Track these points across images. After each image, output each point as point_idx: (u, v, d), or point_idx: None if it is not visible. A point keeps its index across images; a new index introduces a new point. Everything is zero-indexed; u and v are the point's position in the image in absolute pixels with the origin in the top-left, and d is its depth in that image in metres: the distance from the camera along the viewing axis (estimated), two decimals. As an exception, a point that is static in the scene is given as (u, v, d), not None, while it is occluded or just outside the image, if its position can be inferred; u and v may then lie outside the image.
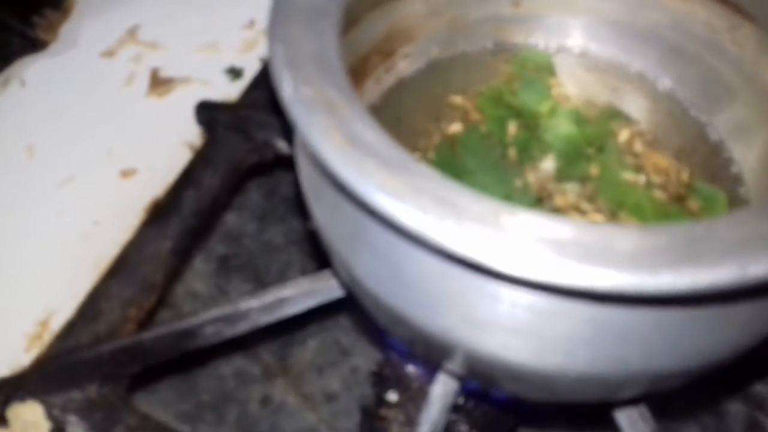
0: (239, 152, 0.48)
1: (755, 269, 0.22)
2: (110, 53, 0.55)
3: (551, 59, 0.42)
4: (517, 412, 0.41)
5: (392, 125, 0.39)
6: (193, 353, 0.40)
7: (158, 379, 0.49)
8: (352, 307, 0.35)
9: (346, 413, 0.50)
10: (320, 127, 0.25)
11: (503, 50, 0.43)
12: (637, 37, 0.41)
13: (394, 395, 0.41)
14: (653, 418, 0.35)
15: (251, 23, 0.57)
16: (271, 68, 0.27)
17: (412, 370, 0.41)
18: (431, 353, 0.32)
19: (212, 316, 0.39)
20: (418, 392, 0.40)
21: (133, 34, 0.56)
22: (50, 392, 0.39)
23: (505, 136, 0.40)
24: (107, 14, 0.57)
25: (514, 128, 0.40)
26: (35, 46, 0.55)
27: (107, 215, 0.47)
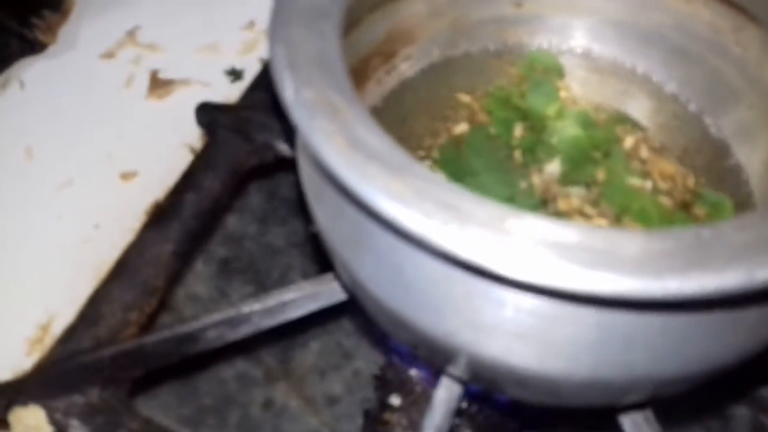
0: (240, 154, 0.48)
1: (763, 274, 0.21)
2: (109, 55, 0.55)
3: (560, 61, 0.42)
4: (520, 416, 0.41)
5: (394, 127, 0.39)
6: (194, 357, 0.40)
7: (159, 382, 0.49)
8: (354, 310, 0.34)
9: (348, 417, 0.49)
10: (322, 130, 0.25)
11: (505, 51, 0.42)
12: (640, 38, 0.41)
13: (397, 399, 0.41)
14: (658, 422, 0.35)
15: (251, 24, 0.57)
16: (272, 70, 0.27)
17: (415, 373, 0.41)
18: (434, 357, 0.32)
19: (214, 319, 0.38)
20: (421, 396, 0.40)
21: (132, 35, 0.56)
22: (52, 396, 0.38)
23: (511, 138, 0.39)
24: (106, 16, 0.57)
25: (520, 130, 0.39)
26: (34, 47, 0.55)
27: (107, 218, 0.47)
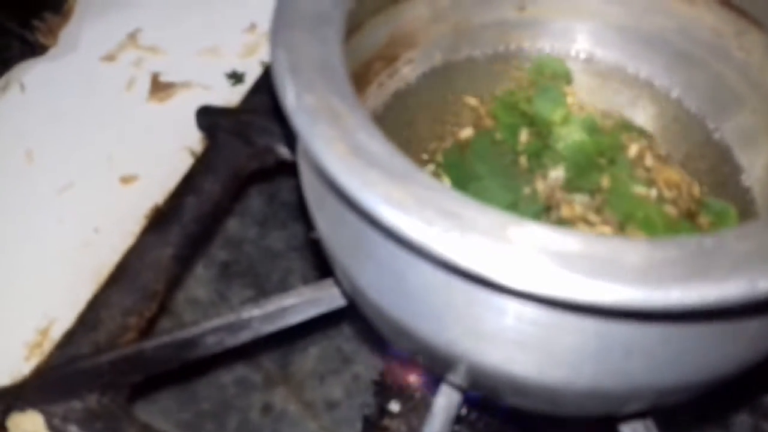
0: (240, 158, 0.48)
1: (765, 284, 0.21)
2: (110, 57, 0.55)
3: (568, 67, 0.42)
4: (520, 424, 0.41)
5: (397, 130, 0.39)
6: (194, 362, 0.40)
7: (158, 387, 0.49)
8: (354, 315, 0.34)
9: (347, 422, 0.49)
10: (324, 136, 0.25)
11: (508, 55, 0.42)
12: (643, 42, 0.41)
13: (396, 405, 0.41)
14: (659, 430, 0.34)
15: (252, 27, 0.57)
16: (273, 75, 0.27)
17: (414, 380, 0.41)
18: (434, 365, 0.32)
19: (214, 325, 0.38)
20: (420, 403, 0.40)
21: (133, 38, 0.56)
22: (50, 402, 0.38)
23: (516, 143, 0.39)
24: (107, 18, 0.57)
25: (526, 136, 0.39)
26: (35, 50, 0.55)
27: (107, 222, 0.47)
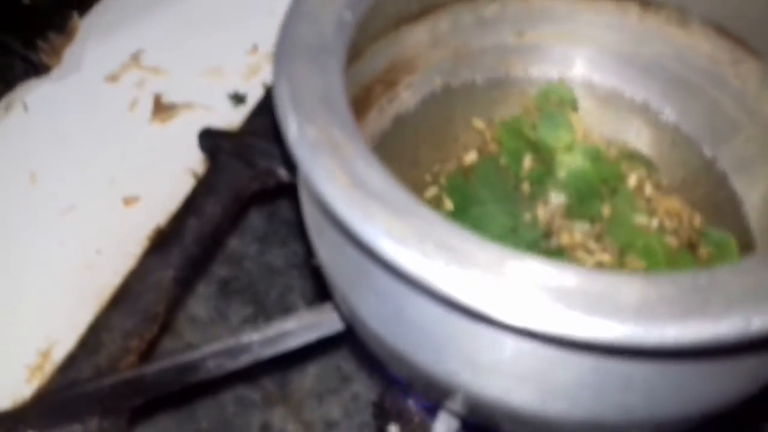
0: (242, 180, 0.48)
1: (759, 322, 0.22)
2: (114, 78, 0.55)
3: (575, 94, 0.42)
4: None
5: (398, 154, 0.39)
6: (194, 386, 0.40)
7: (158, 407, 0.49)
8: (353, 338, 0.34)
9: (346, 442, 0.49)
10: (325, 168, 0.25)
11: (506, 80, 0.43)
12: (640, 67, 0.41)
13: (395, 429, 0.40)
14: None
15: (254, 48, 0.57)
16: (276, 107, 0.27)
17: (413, 404, 0.41)
18: (433, 393, 0.32)
19: (214, 349, 0.38)
20: (419, 426, 0.40)
21: (136, 58, 0.56)
22: (51, 426, 0.38)
23: (520, 169, 0.39)
24: (111, 39, 0.57)
25: (529, 162, 0.40)
26: (38, 70, 0.55)
27: (109, 244, 0.47)
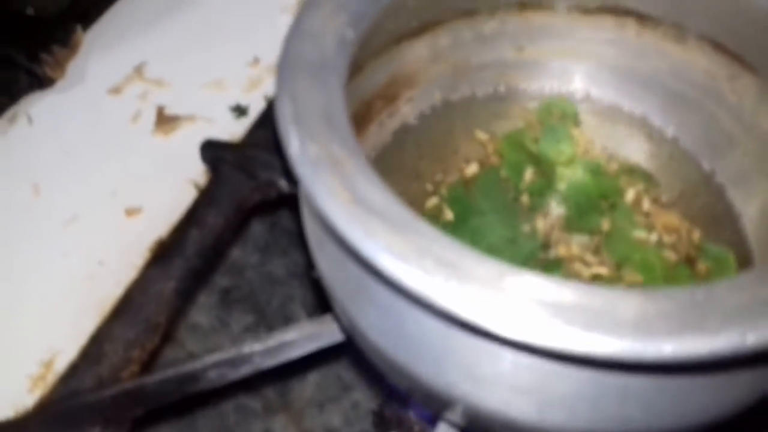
0: (243, 191, 0.48)
1: (754, 338, 0.22)
2: (117, 90, 0.56)
3: (577, 109, 0.42)
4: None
5: (399, 166, 0.40)
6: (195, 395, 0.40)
7: (159, 417, 0.49)
8: (353, 348, 0.35)
9: (347, 451, 0.50)
10: (326, 185, 0.25)
11: (506, 94, 0.43)
12: (638, 82, 0.42)
13: (395, 437, 0.41)
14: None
15: (256, 61, 0.57)
16: (278, 124, 0.27)
17: (413, 413, 0.41)
18: (432, 404, 0.32)
19: (215, 359, 0.39)
20: (419, 436, 0.40)
21: (139, 71, 0.57)
22: (53, 435, 0.39)
23: (521, 181, 0.40)
24: (114, 52, 0.57)
25: (530, 174, 0.40)
26: (42, 83, 0.55)
27: (112, 255, 0.47)
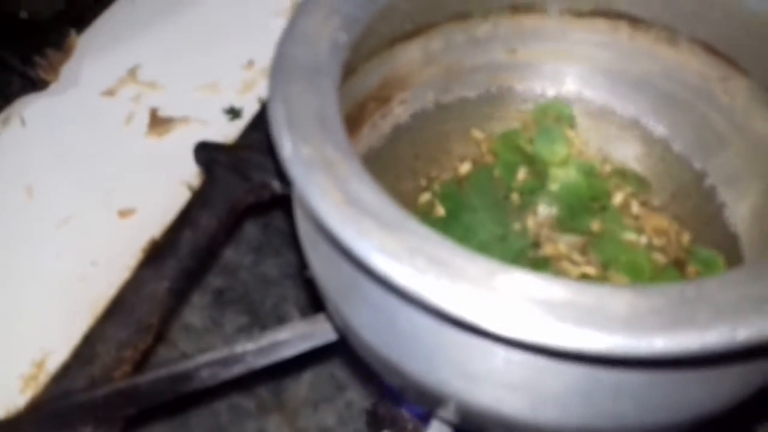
0: (237, 193, 0.49)
1: (744, 333, 0.22)
2: (110, 93, 0.56)
3: (572, 111, 0.43)
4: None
5: (391, 168, 0.40)
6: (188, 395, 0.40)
7: (152, 416, 0.49)
8: (346, 347, 0.35)
9: (341, 450, 0.50)
10: (319, 185, 0.25)
11: (499, 96, 0.43)
12: (630, 84, 0.42)
13: (388, 436, 0.41)
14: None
15: (250, 63, 0.57)
16: (271, 126, 0.27)
17: (406, 411, 0.41)
18: (425, 401, 0.33)
19: (208, 359, 0.39)
20: (412, 434, 0.40)
21: (133, 73, 0.57)
22: (45, 436, 0.39)
23: (513, 180, 0.40)
24: (108, 55, 0.58)
25: (523, 174, 0.40)
26: (36, 85, 0.55)
27: (105, 256, 0.47)
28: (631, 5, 0.40)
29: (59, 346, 0.43)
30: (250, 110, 0.55)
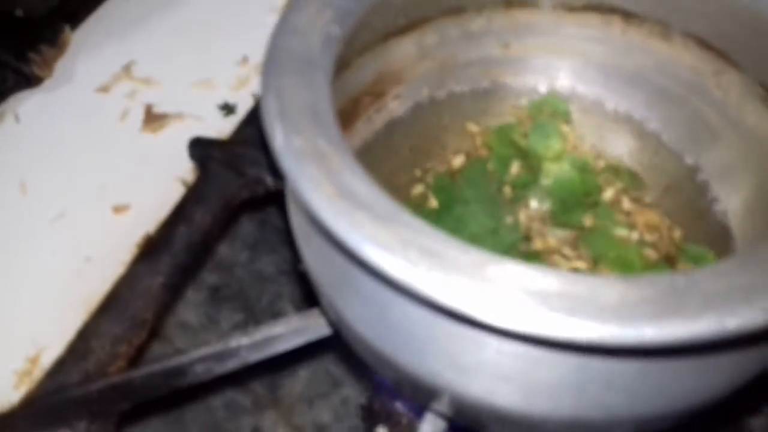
0: (231, 188, 0.49)
1: (733, 322, 0.22)
2: (105, 89, 0.56)
3: (568, 107, 0.43)
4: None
5: (385, 163, 0.40)
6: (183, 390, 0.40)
7: (147, 413, 0.49)
8: (340, 342, 0.35)
9: (336, 446, 0.50)
10: (311, 178, 0.25)
11: (492, 90, 0.43)
12: (623, 78, 0.42)
13: (383, 430, 0.41)
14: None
15: (245, 59, 0.57)
16: (263, 119, 0.27)
17: (401, 405, 0.41)
18: (418, 394, 0.33)
19: (202, 354, 0.39)
20: (407, 428, 0.40)
21: (128, 70, 0.57)
22: (39, 430, 0.39)
23: (506, 174, 0.40)
24: (102, 51, 0.58)
25: (516, 168, 0.40)
26: (30, 81, 0.55)
27: (99, 251, 0.47)
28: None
29: (54, 341, 0.43)
30: (244, 106, 0.55)
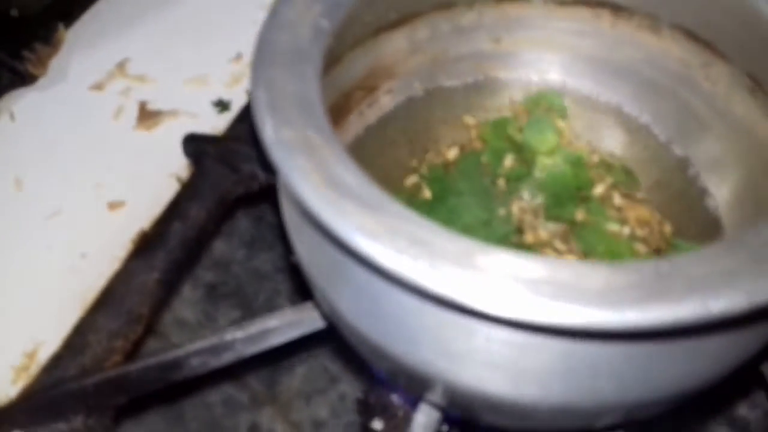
0: (226, 184, 0.49)
1: (717, 305, 0.23)
2: (99, 87, 0.56)
3: (564, 101, 0.43)
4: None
5: (377, 156, 0.40)
6: (179, 383, 0.40)
7: (145, 408, 0.49)
8: (336, 336, 0.35)
9: (333, 441, 0.50)
10: (300, 168, 0.26)
11: (483, 85, 0.44)
12: (613, 72, 0.42)
13: (379, 423, 0.41)
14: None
15: (239, 56, 0.58)
16: (253, 111, 0.28)
17: (396, 398, 0.42)
18: (412, 385, 0.33)
19: (198, 347, 0.39)
20: (402, 420, 0.41)
21: (122, 67, 0.57)
22: (36, 424, 0.39)
23: (500, 167, 0.41)
24: (97, 48, 0.58)
25: (510, 161, 0.41)
26: (25, 80, 0.55)
27: (94, 247, 0.47)
28: (613, -8, 0.40)
29: (50, 336, 0.43)
30: (238, 103, 0.55)
